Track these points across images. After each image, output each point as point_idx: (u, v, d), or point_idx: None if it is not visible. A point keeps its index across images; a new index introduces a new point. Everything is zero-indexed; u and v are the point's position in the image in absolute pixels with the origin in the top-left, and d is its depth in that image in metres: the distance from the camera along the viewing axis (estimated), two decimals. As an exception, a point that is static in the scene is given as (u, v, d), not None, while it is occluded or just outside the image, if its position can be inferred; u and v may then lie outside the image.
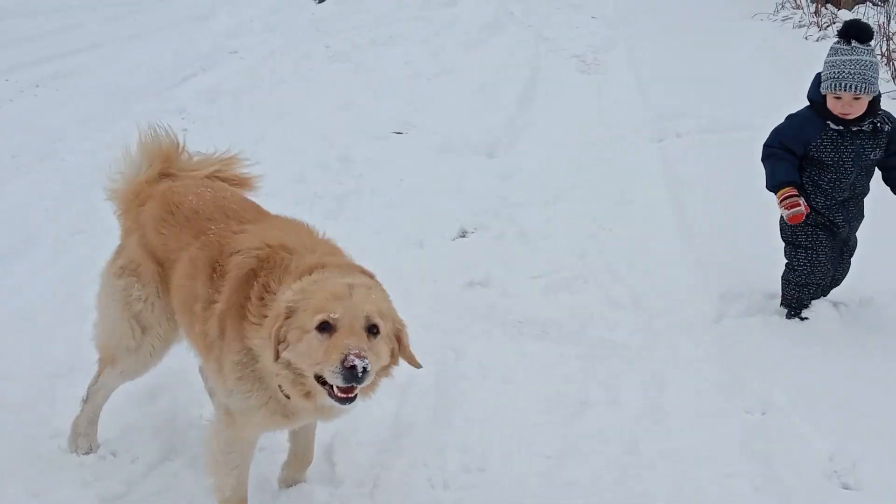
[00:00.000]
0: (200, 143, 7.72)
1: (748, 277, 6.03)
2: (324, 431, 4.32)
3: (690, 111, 9.84)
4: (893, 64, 10.79)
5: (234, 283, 3.55)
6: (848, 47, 5.19)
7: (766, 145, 5.50)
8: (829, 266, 5.47)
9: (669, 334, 5.52)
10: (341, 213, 7.11)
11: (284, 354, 3.29)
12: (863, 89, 5.11)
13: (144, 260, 4.04)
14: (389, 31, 13.60)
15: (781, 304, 5.66)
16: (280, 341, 3.29)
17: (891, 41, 11.32)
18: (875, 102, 5.24)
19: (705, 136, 9.27)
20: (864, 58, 5.14)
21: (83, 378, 4.36)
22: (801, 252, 5.46)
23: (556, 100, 10.87)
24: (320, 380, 3.25)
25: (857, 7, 14.59)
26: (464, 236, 6.97)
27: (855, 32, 5.22)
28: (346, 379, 3.14)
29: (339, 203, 7.24)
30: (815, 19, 14.45)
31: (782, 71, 11.86)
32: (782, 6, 15.87)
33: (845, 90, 5.13)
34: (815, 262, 5.44)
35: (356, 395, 3.26)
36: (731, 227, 6.90)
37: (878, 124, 5.24)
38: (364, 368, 3.12)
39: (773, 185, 5.34)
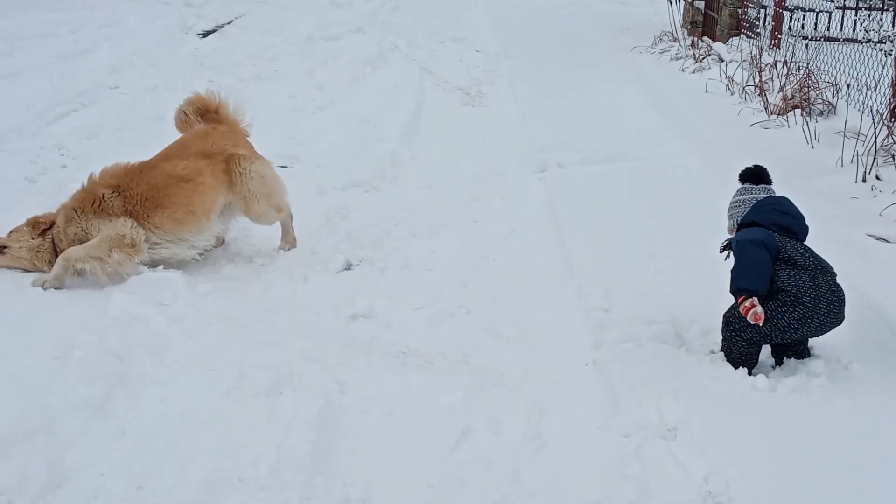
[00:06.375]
0: (80, 179, 7.66)
1: (625, 305, 6.17)
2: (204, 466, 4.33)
3: (572, 143, 10.04)
4: (765, 95, 11.14)
5: None
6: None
7: None
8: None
9: (549, 362, 5.61)
10: (224, 248, 7.07)
11: None
12: None
13: None
14: (274, 66, 13.57)
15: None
16: None
17: (763, 72, 11.69)
18: None
19: (586, 168, 9.48)
20: None
21: None
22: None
23: (440, 132, 10.98)
24: None
25: (731, 40, 15.03)
26: (348, 269, 6.97)
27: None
28: None
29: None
30: (692, 52, 14.86)
31: (660, 103, 12.19)
32: (660, 39, 16.28)
33: None
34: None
35: None
36: (611, 257, 7.05)
37: None
38: None
39: None
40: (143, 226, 6.50)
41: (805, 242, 5.49)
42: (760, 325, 5.22)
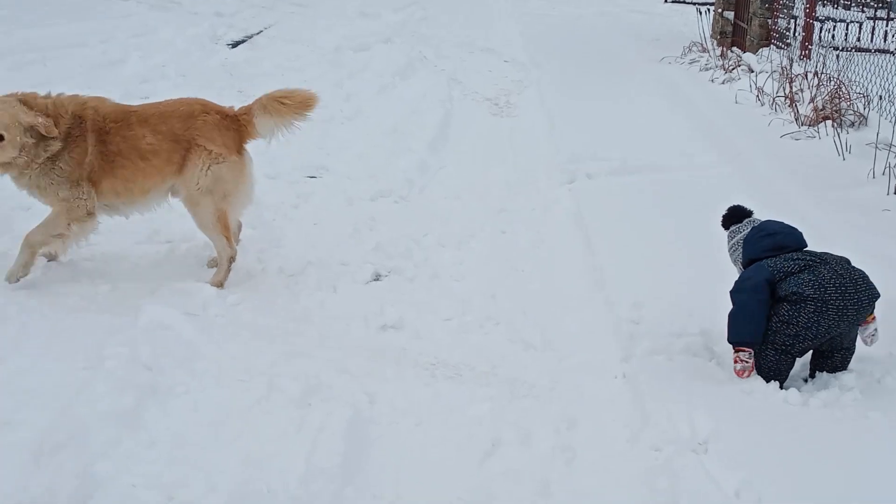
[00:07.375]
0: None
1: (655, 317, 6.14)
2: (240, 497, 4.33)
3: (600, 153, 10.01)
4: (796, 106, 11.08)
5: None
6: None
7: None
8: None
9: (578, 374, 5.59)
10: (253, 259, 7.07)
11: None
12: None
13: None
14: (302, 76, 13.59)
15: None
16: None
17: (793, 83, 11.63)
18: None
19: (615, 178, 9.44)
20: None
21: None
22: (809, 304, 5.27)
23: (469, 143, 10.98)
24: None
25: (761, 50, 14.97)
26: (377, 279, 6.97)
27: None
28: None
29: (251, 249, 7.19)
30: (721, 62, 14.81)
31: (689, 113, 12.14)
32: (689, 49, 16.24)
33: None
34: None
35: None
36: (640, 268, 7.02)
37: None
38: None
39: None
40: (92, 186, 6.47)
41: (808, 248, 5.56)
42: (745, 377, 5.39)
